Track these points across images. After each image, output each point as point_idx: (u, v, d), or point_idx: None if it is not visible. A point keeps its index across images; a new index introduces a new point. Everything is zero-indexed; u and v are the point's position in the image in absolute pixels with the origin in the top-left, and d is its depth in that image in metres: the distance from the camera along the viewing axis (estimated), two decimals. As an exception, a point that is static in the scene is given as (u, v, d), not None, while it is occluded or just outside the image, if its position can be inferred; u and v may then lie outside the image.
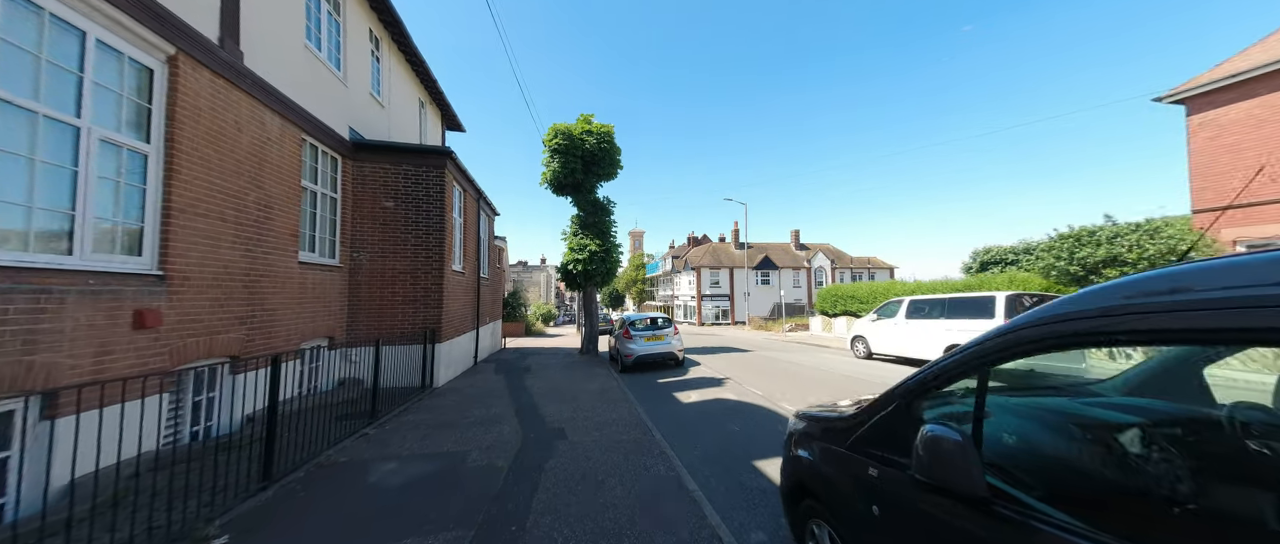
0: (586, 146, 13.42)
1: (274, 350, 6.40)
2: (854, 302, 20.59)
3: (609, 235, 14.46)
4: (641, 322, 11.59)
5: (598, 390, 8.35)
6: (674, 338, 11.25)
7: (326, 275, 7.81)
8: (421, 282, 8.94)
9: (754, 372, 10.45)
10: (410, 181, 8.98)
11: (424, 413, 6.69)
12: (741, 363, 12.19)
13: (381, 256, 8.77)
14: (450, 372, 9.74)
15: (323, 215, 7.89)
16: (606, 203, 14.51)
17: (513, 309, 28.95)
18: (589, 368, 11.56)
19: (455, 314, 10.04)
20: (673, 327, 11.44)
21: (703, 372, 10.69)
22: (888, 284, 19.06)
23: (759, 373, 10.22)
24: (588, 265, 13.65)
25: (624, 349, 11.05)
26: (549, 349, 17.63)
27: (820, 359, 12.74)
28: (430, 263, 8.98)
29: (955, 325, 9.77)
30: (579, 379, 9.76)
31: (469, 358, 11.61)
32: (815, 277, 46.66)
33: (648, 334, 11.09)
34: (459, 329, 10.38)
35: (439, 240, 9.04)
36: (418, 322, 8.87)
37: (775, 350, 15.91)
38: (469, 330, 11.50)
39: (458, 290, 10.29)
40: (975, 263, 25.74)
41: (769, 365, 11.56)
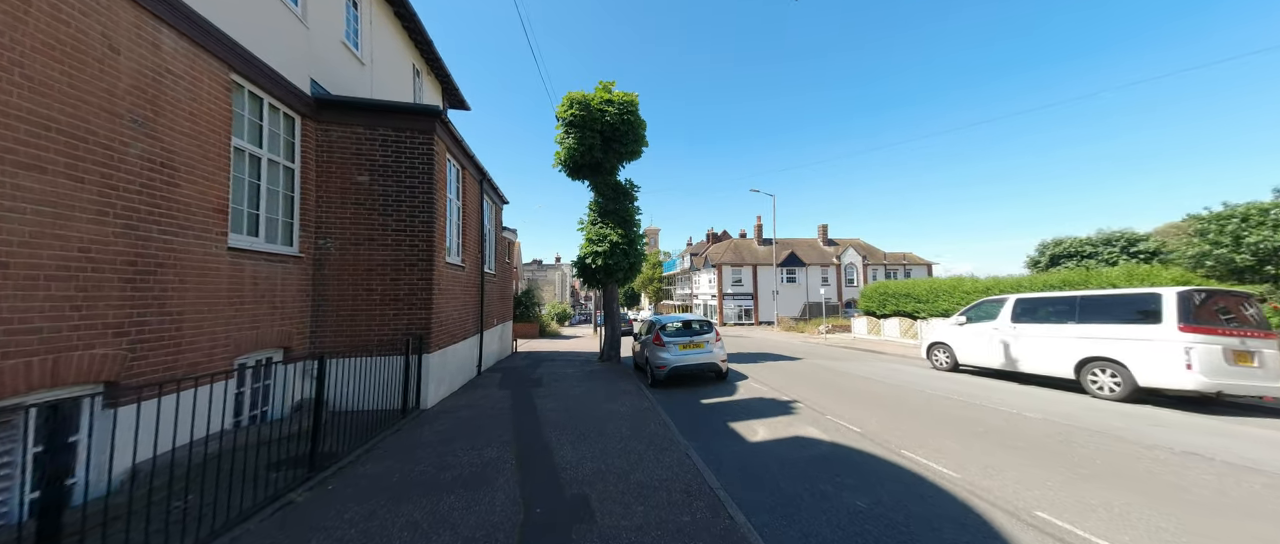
0: (606, 119, 11.45)
1: (192, 369, 4.60)
2: (909, 300, 18.19)
3: (632, 224, 12.48)
4: (675, 325, 9.58)
5: (628, 417, 6.38)
6: (716, 345, 9.21)
7: (278, 268, 6.01)
8: (405, 277, 7.09)
9: (822, 390, 8.33)
10: (391, 150, 7.13)
11: (391, 459, 4.80)
12: (797, 376, 10.07)
13: (355, 245, 6.95)
14: (443, 387, 7.89)
15: (273, 190, 6.09)
16: (629, 186, 12.54)
17: (526, 309, 27.25)
18: (612, 380, 9.60)
19: (450, 317, 8.19)
20: (714, 331, 9.40)
21: (756, 388, 8.61)
22: (951, 281, 16.66)
23: (830, 392, 8.11)
24: (608, 259, 11.70)
25: (655, 359, 9.06)
26: (564, 354, 15.76)
27: (893, 372, 10.53)
28: (416, 253, 7.13)
29: (1094, 332, 7.50)
30: (601, 397, 7.80)
31: (470, 368, 9.77)
32: (845, 274, 43.96)
33: (683, 340, 9.08)
34: (456, 335, 8.53)
35: (427, 225, 7.18)
36: (401, 326, 7.03)
37: (827, 358, 13.72)
38: (470, 335, 9.66)
39: (454, 288, 8.44)
40: (1044, 257, 23.07)
41: (834, 380, 9.43)
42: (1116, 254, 19.90)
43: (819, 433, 5.44)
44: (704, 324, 9.67)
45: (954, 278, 16.85)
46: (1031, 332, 8.60)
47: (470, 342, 9.69)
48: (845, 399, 7.41)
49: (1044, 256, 22.77)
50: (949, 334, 10.55)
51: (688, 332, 9.45)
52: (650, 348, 9.46)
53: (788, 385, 8.83)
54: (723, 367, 9.16)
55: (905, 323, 18.25)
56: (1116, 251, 19.99)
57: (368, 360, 6.65)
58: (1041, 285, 13.06)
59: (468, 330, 9.45)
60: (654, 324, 10.07)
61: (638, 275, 12.57)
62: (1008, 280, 14.73)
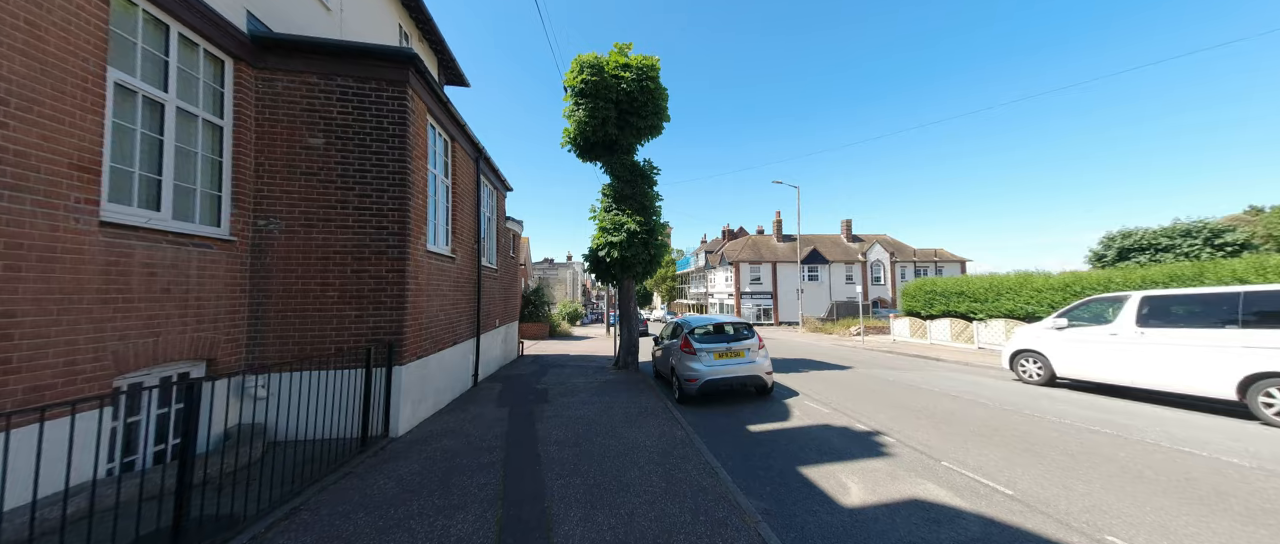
0: (622, 88, 9.82)
1: (35, 396, 3.12)
2: (963, 300, 16.19)
3: (652, 211, 10.84)
4: (706, 328, 7.90)
5: (657, 454, 4.75)
6: (758, 354, 7.51)
7: (193, 254, 4.51)
8: (371, 267, 5.57)
9: (903, 413, 6.59)
10: (352, 106, 5.61)
11: (314, 531, 3.23)
12: (859, 391, 8.32)
13: (306, 226, 5.44)
14: (424, 406, 6.35)
15: (190, 151, 4.60)
16: (648, 168, 10.89)
17: (535, 308, 25.85)
18: (630, 393, 7.98)
19: (435, 318, 6.65)
20: (756, 337, 7.70)
21: (816, 410, 6.88)
22: (1016, 277, 14.65)
23: (917, 418, 6.36)
24: (624, 250, 10.08)
25: (683, 370, 7.41)
26: (575, 358, 14.20)
27: (975, 387, 8.72)
28: (385, 238, 5.60)
29: (1272, 340, 5.64)
30: (619, 419, 6.19)
31: (464, 378, 8.24)
32: (871, 271, 41.70)
33: (718, 347, 7.40)
34: (442, 339, 7.00)
35: (400, 202, 5.64)
36: (365, 330, 5.51)
37: (881, 366, 11.91)
38: (463, 340, 8.12)
39: (440, 283, 6.91)
40: (1110, 251, 20.73)
41: (909, 398, 7.66)
42: (1199, 247, 17.60)
43: (948, 494, 3.71)
44: (742, 328, 7.96)
45: (1020, 274, 14.83)
46: (1167, 338, 6.72)
47: (463, 347, 8.16)
48: (944, 429, 5.65)
49: (1110, 251, 20.48)
50: (1042, 340, 8.68)
51: (723, 337, 7.77)
52: (677, 356, 7.80)
53: (853, 404, 7.09)
54: (768, 380, 7.46)
55: (957, 325, 16.28)
56: (1199, 244, 17.68)
57: (323, 375, 5.15)
58: (1140, 281, 11.06)
59: (460, 334, 7.92)
60: (681, 327, 8.42)
61: (659, 269, 10.92)
62: (1092, 275, 12.70)
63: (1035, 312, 13.87)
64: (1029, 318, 14.08)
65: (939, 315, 17.50)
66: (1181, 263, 11.65)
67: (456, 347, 7.76)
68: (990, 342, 14.99)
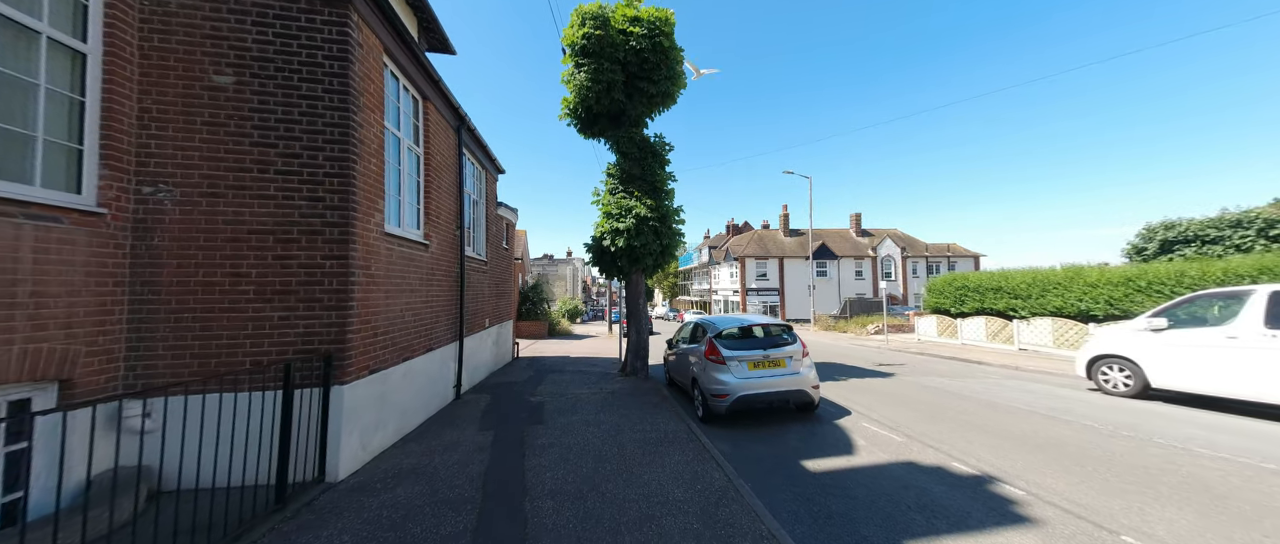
0: (631, 45, 8.36)
1: None
2: (1000, 296, 14.77)
3: (664, 194, 9.41)
4: (735, 330, 6.47)
5: (695, 514, 3.38)
6: (802, 362, 6.09)
7: (27, 233, 3.09)
8: (301, 252, 4.15)
9: (1001, 442, 5.17)
10: (273, 34, 4.16)
11: None
12: (923, 408, 6.90)
13: (210, 195, 4.02)
14: (384, 432, 4.93)
15: (31, 83, 3.16)
16: (659, 144, 9.45)
17: (533, 305, 24.43)
18: (644, 409, 6.58)
19: (396, 318, 5.23)
20: (799, 342, 6.27)
21: (889, 440, 5.42)
22: (1067, 271, 13.21)
23: (1021, 448, 4.94)
24: (632, 239, 8.65)
25: (709, 382, 5.99)
26: (576, 361, 12.80)
27: (1055, 400, 7.35)
28: (320, 213, 4.18)
29: None
30: (634, 452, 4.78)
31: (442, 390, 6.82)
32: (882, 267, 40.29)
33: (753, 355, 5.97)
34: (410, 347, 5.58)
35: (342, 165, 4.22)
36: (293, 338, 4.09)
37: (929, 373, 10.52)
38: (441, 344, 6.71)
39: (405, 275, 5.48)
40: (1151, 244, 19.27)
41: (992, 419, 6.26)
42: (1253, 238, 16.17)
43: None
44: (780, 331, 6.52)
45: (1069, 267, 13.40)
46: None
47: (442, 354, 6.74)
48: (1076, 470, 4.20)
49: (1152, 244, 19.05)
50: (1132, 344, 7.27)
51: (758, 342, 6.34)
52: (700, 364, 6.39)
53: (926, 427, 5.68)
54: (815, 395, 6.03)
55: (994, 323, 14.86)
56: (1252, 236, 16.25)
57: (236, 398, 3.75)
58: (1221, 274, 9.65)
59: (437, 337, 6.50)
60: (702, 329, 7.00)
61: (671, 261, 9.50)
62: (1158, 268, 11.27)
63: (1089, 309, 12.47)
64: (1082, 316, 12.68)
65: (972, 313, 16.08)
66: (1272, 254, 10.24)
67: (432, 354, 6.34)
68: (1034, 343, 13.58)
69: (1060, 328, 12.95)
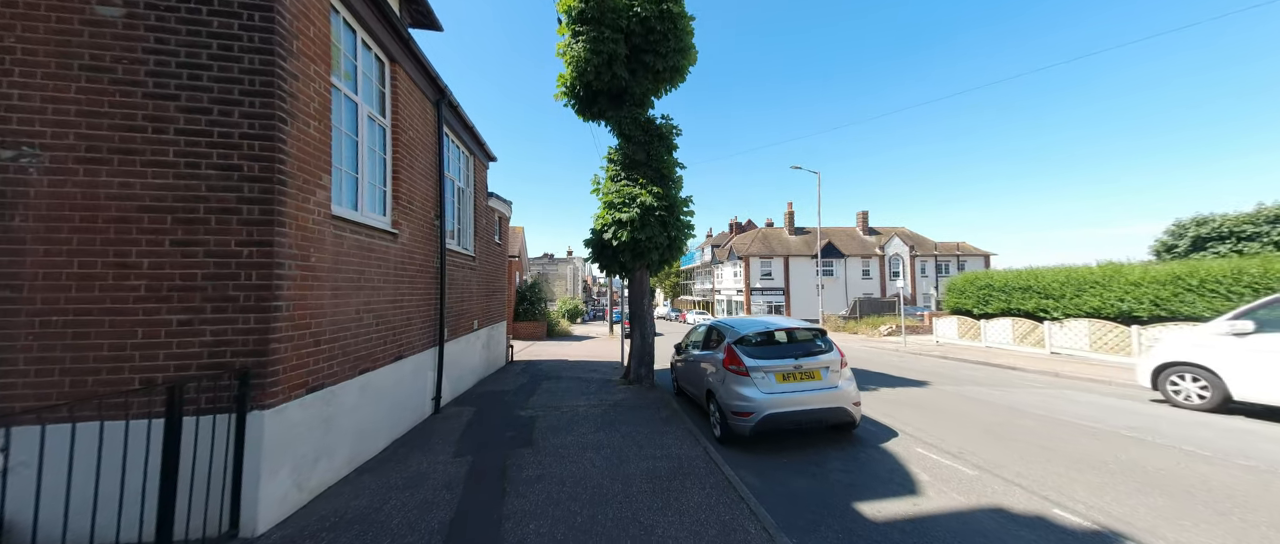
0: (635, 10, 7.39)
1: None
2: (1029, 295, 13.78)
3: (672, 181, 8.45)
4: (758, 334, 5.49)
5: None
6: (841, 375, 5.11)
7: None
8: (209, 237, 3.20)
9: (1109, 479, 4.16)
10: (178, -44, 3.21)
11: None
12: (980, 427, 5.92)
13: (90, 162, 3.06)
14: (332, 463, 3.97)
15: None
16: (666, 126, 8.48)
17: (531, 306, 23.48)
18: (651, 427, 5.63)
19: (349, 322, 4.28)
20: (836, 350, 5.28)
21: (958, 472, 4.37)
22: (1105, 268, 12.20)
23: (1151, 493, 3.93)
24: (637, 231, 7.69)
25: (730, 397, 5.03)
26: (574, 364, 11.84)
27: (1134, 417, 6.37)
28: (235, 185, 3.23)
29: None
30: (641, 489, 3.84)
31: (416, 404, 5.87)
32: (890, 266, 39.30)
33: (782, 366, 5.00)
34: (371, 356, 4.62)
35: (265, 125, 3.27)
36: (199, 348, 3.14)
37: (965, 381, 9.58)
38: (415, 351, 5.76)
39: (363, 269, 4.53)
40: (1182, 241, 18.26)
41: (1067, 440, 5.31)
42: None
43: None
44: (813, 336, 5.52)
45: (1108, 264, 12.41)
46: None
47: (415, 363, 5.79)
48: (1219, 522, 3.26)
49: (1183, 241, 18.03)
50: (1209, 351, 6.32)
51: (788, 349, 5.36)
52: (718, 374, 5.43)
53: (994, 454, 4.71)
54: (856, 413, 5.05)
55: (1022, 325, 13.87)
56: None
57: (124, 427, 2.81)
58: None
59: (408, 343, 5.54)
60: (719, 332, 6.03)
61: (679, 255, 8.54)
62: (1214, 265, 10.28)
63: (1131, 310, 11.48)
64: (1124, 318, 11.70)
65: (996, 314, 15.09)
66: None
67: (402, 363, 5.38)
68: (1067, 346, 12.60)
69: (1098, 330, 11.97)
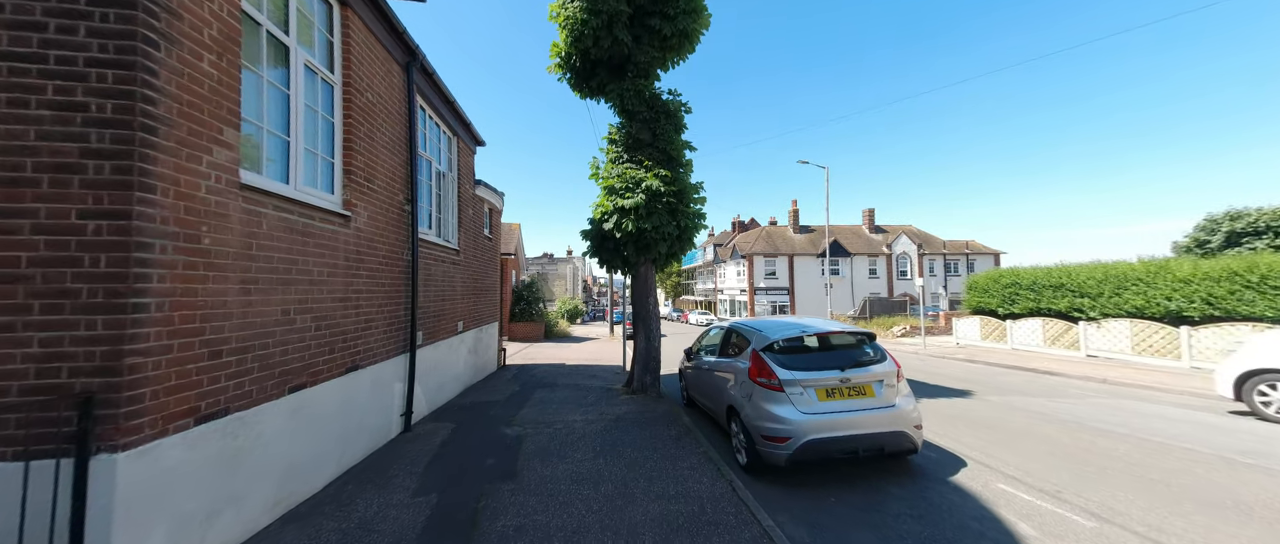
0: (641, -34, 6.43)
1: None
2: (1062, 294, 12.81)
3: (681, 164, 7.50)
4: (789, 339, 4.47)
5: None
6: (897, 388, 4.14)
7: None
8: (42, 206, 2.22)
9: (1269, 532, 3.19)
10: None
11: None
12: (1066, 454, 4.93)
13: None
14: (239, 516, 2.99)
15: None
16: (674, 103, 7.53)
17: (528, 306, 22.50)
18: (661, 450, 4.68)
19: (262, 329, 3.31)
20: (889, 359, 4.30)
21: (1074, 525, 3.41)
22: (1148, 265, 11.25)
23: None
24: (641, 220, 6.74)
25: (760, 417, 4.07)
26: (572, 368, 10.89)
27: (1233, 436, 5.41)
28: (80, 132, 2.25)
29: None
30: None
31: (377, 425, 4.90)
32: (897, 265, 38.35)
33: (825, 380, 4.02)
34: (308, 369, 3.66)
35: (123, 47, 2.29)
36: (23, 364, 2.16)
37: (1011, 391, 8.64)
38: (377, 360, 4.79)
39: (298, 258, 3.56)
40: (1215, 237, 17.29)
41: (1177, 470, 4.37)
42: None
43: None
44: (858, 341, 4.54)
45: (1151, 260, 11.45)
46: None
47: (375, 374, 4.82)
48: None
49: (1216, 237, 17.06)
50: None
51: (829, 356, 4.38)
52: (743, 388, 4.47)
53: (1105, 494, 3.74)
54: (918, 438, 4.07)
55: (1053, 326, 12.90)
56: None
57: None
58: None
59: (364, 351, 4.58)
60: (741, 336, 5.06)
61: (689, 248, 7.58)
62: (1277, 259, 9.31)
63: (1181, 310, 10.52)
64: (1172, 318, 10.73)
65: (1024, 314, 14.12)
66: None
67: (356, 375, 4.42)
68: (1105, 349, 11.64)
69: (1141, 332, 11.00)
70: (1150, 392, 8.11)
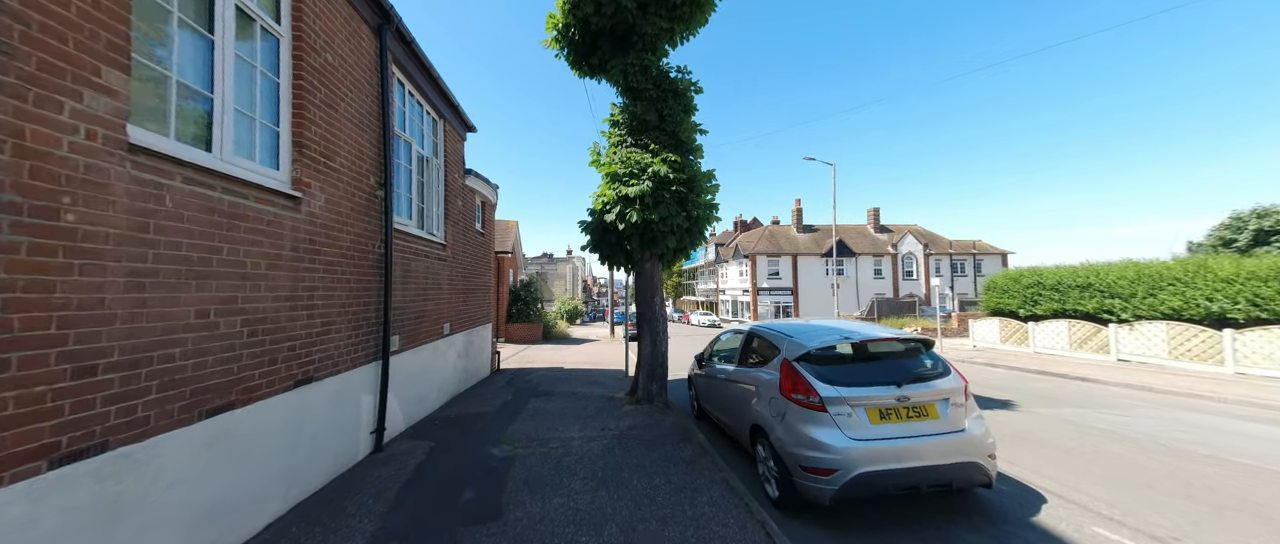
0: (648, -79, 5.72)
1: None
2: (1091, 295, 12.11)
3: (691, 148, 6.79)
4: (832, 348, 3.74)
5: None
6: (964, 408, 3.42)
7: None
8: None
9: None
10: None
11: None
12: (1176, 486, 4.23)
13: None
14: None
15: None
16: (684, 81, 6.82)
17: (525, 306, 21.79)
18: (674, 479, 3.97)
19: (163, 339, 2.58)
20: (954, 373, 3.58)
21: None
22: (1187, 263, 10.56)
23: None
24: (647, 210, 6.03)
25: (797, 442, 3.35)
26: (571, 374, 10.17)
27: None
28: None
29: None
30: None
31: (339, 449, 4.19)
32: (903, 265, 37.67)
33: (878, 398, 3.30)
34: (240, 385, 2.93)
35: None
36: None
37: (1059, 401, 7.95)
38: (335, 372, 4.07)
39: (222, 246, 2.83)
40: (1243, 235, 16.59)
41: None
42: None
43: None
44: (914, 348, 3.78)
45: (1189, 259, 10.75)
46: None
47: (333, 388, 4.09)
48: None
49: (1244, 235, 16.33)
50: None
51: (880, 369, 3.64)
52: (773, 405, 3.75)
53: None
54: (992, 469, 3.35)
55: (1080, 328, 12.19)
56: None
57: None
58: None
59: (316, 364, 3.85)
60: (767, 342, 4.33)
61: (700, 242, 6.86)
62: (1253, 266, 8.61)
63: (1224, 311, 9.82)
64: (1215, 320, 10.02)
65: (1047, 316, 13.40)
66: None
67: (308, 389, 3.70)
68: (1138, 353, 10.93)
69: (1179, 335, 10.29)
70: (1203, 401, 7.41)
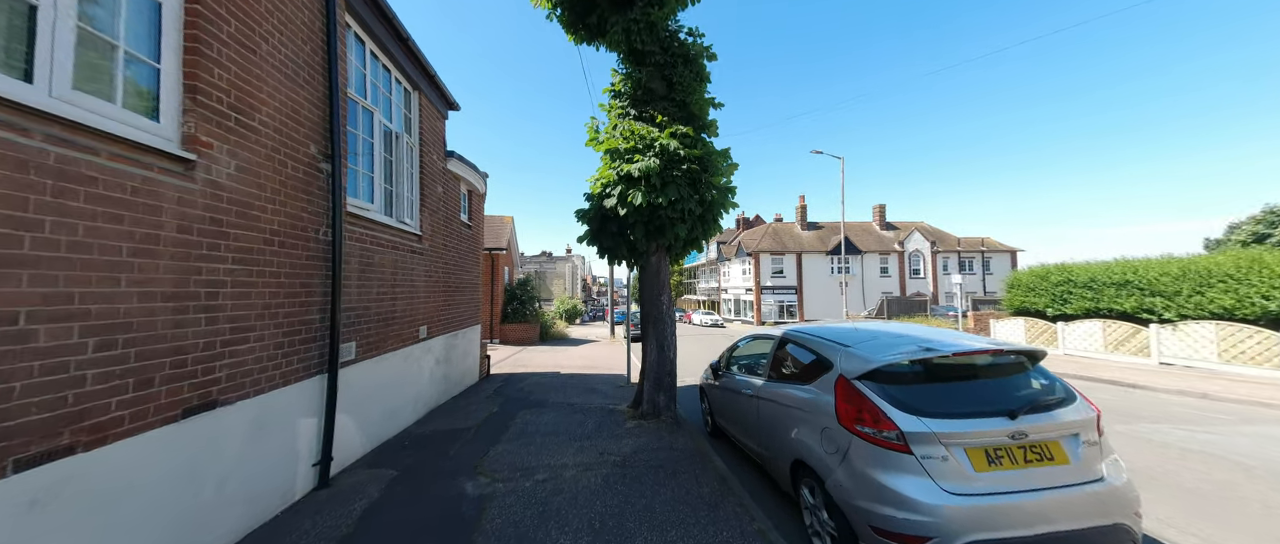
0: None
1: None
2: (1128, 293, 11.21)
3: (703, 123, 5.87)
4: (910, 361, 2.73)
5: None
6: (1102, 451, 2.50)
7: None
8: None
9: None
10: None
11: None
12: None
13: None
14: None
15: None
16: (696, 45, 5.90)
17: (522, 306, 20.88)
18: (698, 538, 3.02)
19: None
20: (1081, 400, 2.64)
21: None
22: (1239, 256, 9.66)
23: None
24: (653, 193, 5.11)
25: (871, 499, 2.44)
26: (567, 380, 9.26)
27: None
28: None
29: None
30: None
31: (253, 497, 3.27)
32: (909, 263, 36.80)
33: (983, 434, 2.39)
34: (80, 419, 2.00)
35: None
36: None
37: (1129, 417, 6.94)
38: (253, 392, 3.16)
39: (49, 217, 1.90)
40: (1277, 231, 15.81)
41: None
42: None
43: None
44: (1020, 363, 2.87)
45: (1242, 253, 9.84)
46: None
47: (250, 412, 3.17)
48: None
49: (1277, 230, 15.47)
50: None
51: (978, 392, 2.71)
52: (828, 436, 2.83)
53: None
54: (1138, 531, 2.46)
55: (1116, 329, 11.30)
56: None
57: None
58: None
59: (226, 385, 2.93)
60: (816, 352, 3.40)
61: (715, 230, 5.94)
62: None
63: (1287, 310, 8.92)
64: (1269, 319, 9.13)
65: (1079, 315, 12.51)
66: None
67: (212, 416, 2.79)
68: (1184, 355, 10.05)
69: (1231, 336, 9.41)
70: (1274, 410, 6.55)
